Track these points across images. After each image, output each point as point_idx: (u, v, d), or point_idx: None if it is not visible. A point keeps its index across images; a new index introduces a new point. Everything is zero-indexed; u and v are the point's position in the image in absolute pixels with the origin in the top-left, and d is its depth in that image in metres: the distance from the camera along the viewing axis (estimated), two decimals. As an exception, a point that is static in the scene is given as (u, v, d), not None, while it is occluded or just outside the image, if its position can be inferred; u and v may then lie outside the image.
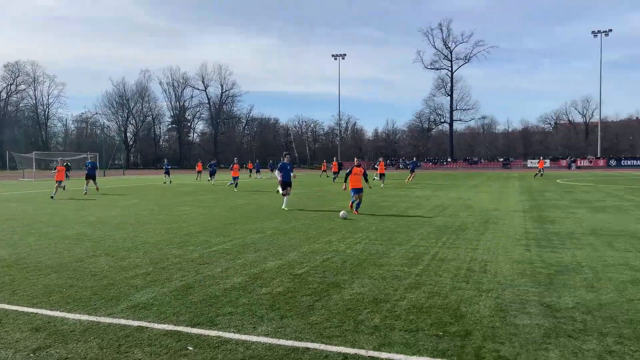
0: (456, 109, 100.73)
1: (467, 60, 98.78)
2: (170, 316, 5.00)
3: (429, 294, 5.73)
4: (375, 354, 4.00)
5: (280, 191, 16.13)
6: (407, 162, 34.88)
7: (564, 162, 79.16)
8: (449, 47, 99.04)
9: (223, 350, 4.11)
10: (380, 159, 35.21)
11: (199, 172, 40.72)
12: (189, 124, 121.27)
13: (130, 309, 5.26)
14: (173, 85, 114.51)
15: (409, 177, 35.12)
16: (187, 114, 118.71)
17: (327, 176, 45.90)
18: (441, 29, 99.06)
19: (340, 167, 40.13)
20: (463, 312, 5.02)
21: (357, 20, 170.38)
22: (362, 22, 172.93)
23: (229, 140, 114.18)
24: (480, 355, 3.93)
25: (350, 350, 4.07)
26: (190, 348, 4.18)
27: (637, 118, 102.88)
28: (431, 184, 33.18)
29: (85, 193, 22.98)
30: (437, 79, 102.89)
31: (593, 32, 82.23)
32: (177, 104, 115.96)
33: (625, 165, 75.68)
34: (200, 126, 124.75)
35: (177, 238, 9.98)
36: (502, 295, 5.61)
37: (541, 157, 58.10)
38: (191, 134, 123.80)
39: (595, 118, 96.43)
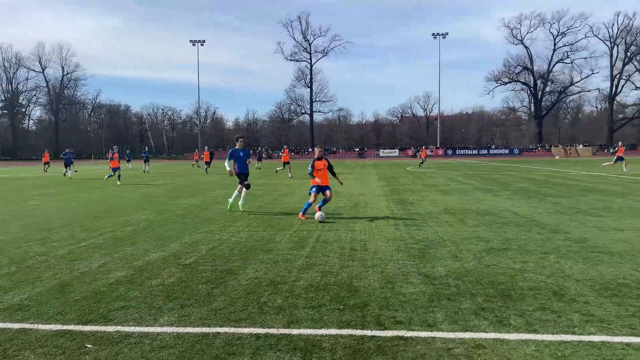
0: (316, 101, 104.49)
1: (325, 54, 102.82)
2: (54, 315, 4.55)
3: (322, 273, 6.04)
4: (287, 331, 4.15)
5: (236, 190, 12.19)
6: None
7: (410, 152, 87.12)
8: (308, 40, 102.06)
9: (127, 344, 3.90)
10: (423, 147, 37.75)
11: (46, 163, 36.36)
12: (23, 109, 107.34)
13: (4, 311, 4.66)
14: (4, 66, 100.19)
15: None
16: (21, 98, 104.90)
17: (199, 166, 44.85)
18: (300, 22, 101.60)
19: (212, 156, 39.13)
20: (356, 287, 5.41)
21: (216, 6, 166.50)
22: (222, 9, 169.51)
23: (72, 128, 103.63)
24: (380, 322, 4.31)
25: (262, 330, 4.16)
26: (89, 345, 3.89)
27: (467, 113, 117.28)
28: (297, 172, 34.12)
29: None
30: (298, 71, 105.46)
31: (433, 34, 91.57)
32: (9, 86, 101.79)
33: (459, 154, 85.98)
34: (37, 112, 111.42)
35: (37, 234, 8.95)
36: (386, 270, 6.15)
37: (423, 147, 62.48)
38: (26, 121, 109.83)
39: (435, 112, 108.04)
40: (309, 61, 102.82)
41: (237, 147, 12.28)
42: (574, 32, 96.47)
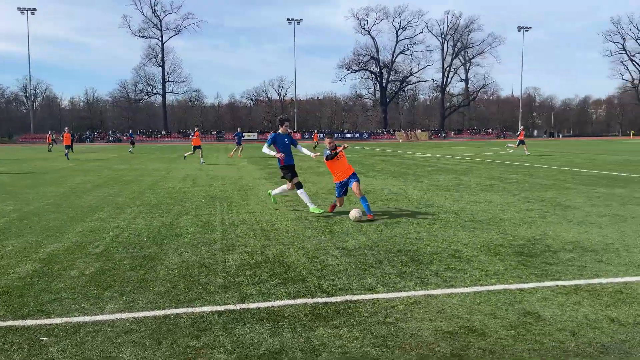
0: (168, 81, 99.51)
1: (177, 32, 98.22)
2: (-21, 316, 4.13)
3: (247, 252, 6.27)
4: (244, 306, 4.38)
5: (286, 186, 9.66)
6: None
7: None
8: (159, 16, 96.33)
9: (86, 333, 3.79)
10: (522, 127, 35.13)
11: None
12: None
13: None
14: None
15: (239, 151, 30.05)
16: None
17: (50, 150, 41.33)
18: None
19: (72, 139, 35.47)
20: (286, 262, 5.78)
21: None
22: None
23: None
24: (325, 290, 4.77)
25: (220, 308, 4.33)
26: (44, 339, 3.68)
27: (318, 98, 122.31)
28: (163, 157, 32.60)
29: None
30: (148, 48, 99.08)
31: (288, 19, 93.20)
32: None
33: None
34: None
35: None
36: (305, 246, 6.60)
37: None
38: None
39: (289, 96, 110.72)
40: (160, 38, 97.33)
41: (280, 131, 9.52)
42: (413, 27, 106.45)
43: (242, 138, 31.41)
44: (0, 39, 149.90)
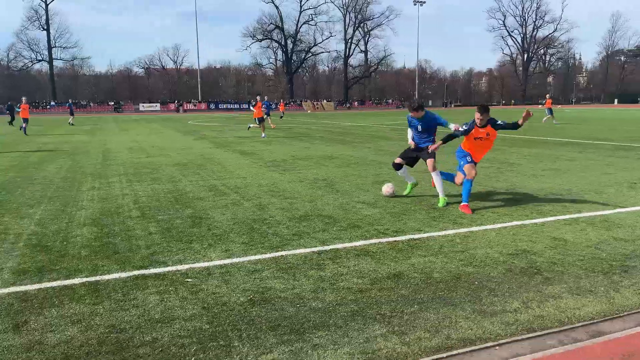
0: (55, 47, 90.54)
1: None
2: (99, 268, 4.40)
3: (282, 209, 6.86)
4: (327, 247, 5.08)
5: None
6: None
7: (172, 106, 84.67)
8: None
9: (221, 274, 4.27)
10: (548, 96, 31.86)
11: None
12: None
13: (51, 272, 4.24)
14: None
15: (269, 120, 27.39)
16: None
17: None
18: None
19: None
20: (328, 215, 6.48)
21: None
22: None
23: None
24: (382, 232, 5.60)
25: (318, 249, 4.99)
26: (189, 280, 4.14)
27: (216, 67, 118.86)
28: (77, 128, 30.49)
29: None
30: (30, 10, 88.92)
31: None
32: None
33: (222, 108, 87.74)
34: None
35: None
36: (328, 203, 7.32)
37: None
38: None
39: (186, 64, 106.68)
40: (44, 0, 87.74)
41: (415, 111, 7.35)
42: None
43: (271, 108, 28.79)
44: None
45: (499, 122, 7.20)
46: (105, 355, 2.94)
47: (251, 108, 23.02)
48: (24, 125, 25.12)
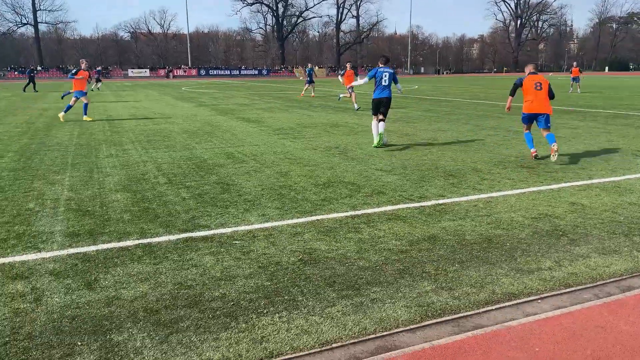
0: (40, 10, 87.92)
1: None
2: (147, 231, 4.60)
3: (304, 177, 7.06)
4: (366, 211, 5.32)
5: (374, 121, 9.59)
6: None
7: (162, 72, 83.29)
8: None
9: (265, 236, 4.50)
10: (575, 64, 30.02)
11: None
12: None
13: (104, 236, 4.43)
14: None
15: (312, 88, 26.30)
16: None
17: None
18: None
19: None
20: (351, 182, 6.71)
21: None
22: None
23: None
24: (407, 197, 5.85)
25: (353, 213, 5.23)
26: (237, 242, 4.37)
27: (203, 32, 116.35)
28: (93, 93, 30.15)
29: None
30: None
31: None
32: None
33: (213, 74, 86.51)
34: None
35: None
36: (347, 170, 7.55)
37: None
38: None
39: (173, 29, 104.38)
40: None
41: (381, 65, 9.58)
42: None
43: (313, 75, 26.42)
44: None
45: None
46: (182, 308, 3.18)
47: (340, 78, 19.71)
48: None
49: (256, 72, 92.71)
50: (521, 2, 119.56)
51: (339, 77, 20.24)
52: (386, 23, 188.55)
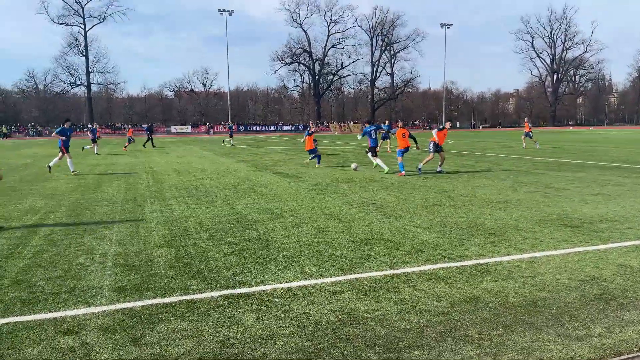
0: (93, 71, 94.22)
1: (102, 20, 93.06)
2: (196, 286, 4.71)
3: (342, 233, 7.11)
4: (404, 270, 5.30)
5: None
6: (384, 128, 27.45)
7: (203, 128, 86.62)
8: (80, 2, 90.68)
9: (304, 294, 4.53)
10: (526, 119, 31.52)
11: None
12: None
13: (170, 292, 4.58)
14: None
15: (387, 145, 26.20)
16: None
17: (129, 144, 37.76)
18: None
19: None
20: (389, 239, 6.71)
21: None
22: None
23: None
24: (447, 257, 5.79)
25: (391, 272, 5.22)
26: (277, 300, 4.41)
27: (243, 89, 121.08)
28: (118, 151, 31.57)
29: None
30: (70, 37, 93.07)
31: (219, 10, 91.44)
32: None
33: (251, 130, 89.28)
34: None
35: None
36: (384, 226, 7.56)
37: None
38: None
39: (215, 87, 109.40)
40: (83, 26, 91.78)
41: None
42: (344, 21, 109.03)
43: (391, 131, 26.32)
44: None
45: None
46: (224, 368, 3.22)
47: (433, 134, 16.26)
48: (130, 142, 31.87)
49: (293, 127, 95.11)
50: (557, 57, 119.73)
51: (434, 130, 16.61)
52: (420, 79, 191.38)
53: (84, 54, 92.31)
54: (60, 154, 16.45)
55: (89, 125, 27.51)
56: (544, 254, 5.93)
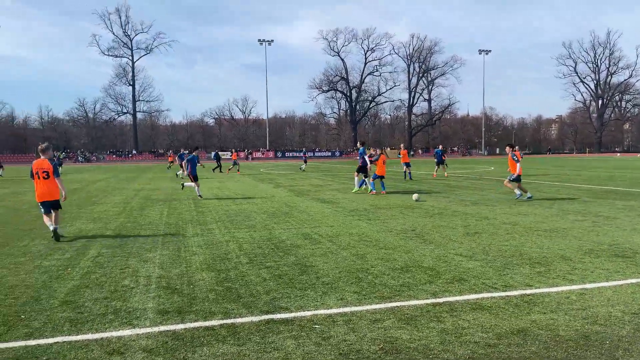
0: (139, 100, 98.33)
1: (148, 51, 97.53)
2: (235, 310, 4.75)
3: (381, 259, 7.03)
4: (438, 300, 5.17)
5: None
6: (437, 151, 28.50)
7: (242, 154, 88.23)
8: (129, 35, 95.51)
9: (344, 321, 4.47)
10: (402, 146, 29.51)
11: None
12: None
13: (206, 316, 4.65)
14: None
15: (443, 169, 27.74)
16: None
17: (169, 168, 39.44)
18: (119, 15, 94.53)
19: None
20: (429, 267, 6.58)
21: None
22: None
23: None
24: (491, 286, 5.62)
25: (434, 300, 5.10)
26: (317, 326, 4.37)
27: (281, 117, 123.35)
28: (160, 176, 32.58)
29: None
30: (118, 67, 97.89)
31: (259, 40, 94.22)
32: None
33: (288, 156, 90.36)
34: None
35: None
36: (425, 254, 7.43)
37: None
38: None
39: (253, 114, 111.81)
40: (131, 57, 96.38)
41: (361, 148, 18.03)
42: (381, 49, 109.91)
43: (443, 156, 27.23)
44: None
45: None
46: (265, 394, 3.19)
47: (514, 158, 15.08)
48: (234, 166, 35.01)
49: (329, 153, 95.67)
50: (601, 82, 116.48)
51: (514, 157, 15.44)
52: (458, 105, 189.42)
53: (131, 83, 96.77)
54: (193, 181, 16.76)
55: (183, 151, 30.53)
56: (595, 285, 5.67)
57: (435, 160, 27.95)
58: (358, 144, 19.62)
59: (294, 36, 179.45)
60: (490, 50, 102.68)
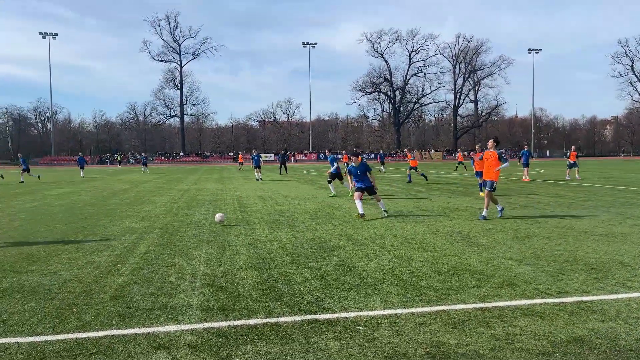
0: (187, 104, 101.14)
1: (196, 56, 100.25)
2: (281, 310, 4.73)
3: (426, 262, 6.85)
4: (489, 304, 4.97)
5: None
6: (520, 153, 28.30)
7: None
8: (177, 41, 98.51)
9: (389, 324, 4.37)
10: (573, 147, 28.50)
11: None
12: None
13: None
14: None
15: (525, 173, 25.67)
16: None
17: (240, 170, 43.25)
18: (169, 21, 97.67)
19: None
20: (477, 270, 6.36)
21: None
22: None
23: None
24: (548, 293, 5.35)
25: (482, 305, 4.92)
26: (360, 328, 4.28)
27: (323, 119, 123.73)
28: (208, 177, 33.34)
29: None
30: (167, 72, 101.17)
31: (303, 43, 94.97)
32: None
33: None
34: None
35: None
36: (472, 257, 7.19)
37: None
38: None
39: (296, 117, 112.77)
40: (179, 62, 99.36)
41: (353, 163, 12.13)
42: (426, 50, 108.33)
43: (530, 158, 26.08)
44: (11, 61, 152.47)
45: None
46: (309, 395, 3.14)
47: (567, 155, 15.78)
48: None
49: (372, 155, 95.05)
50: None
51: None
52: (506, 106, 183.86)
53: (179, 87, 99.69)
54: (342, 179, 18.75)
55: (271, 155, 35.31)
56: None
57: (522, 162, 26.56)
58: (327, 152, 20.85)
59: (337, 40, 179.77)
60: (540, 49, 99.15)
